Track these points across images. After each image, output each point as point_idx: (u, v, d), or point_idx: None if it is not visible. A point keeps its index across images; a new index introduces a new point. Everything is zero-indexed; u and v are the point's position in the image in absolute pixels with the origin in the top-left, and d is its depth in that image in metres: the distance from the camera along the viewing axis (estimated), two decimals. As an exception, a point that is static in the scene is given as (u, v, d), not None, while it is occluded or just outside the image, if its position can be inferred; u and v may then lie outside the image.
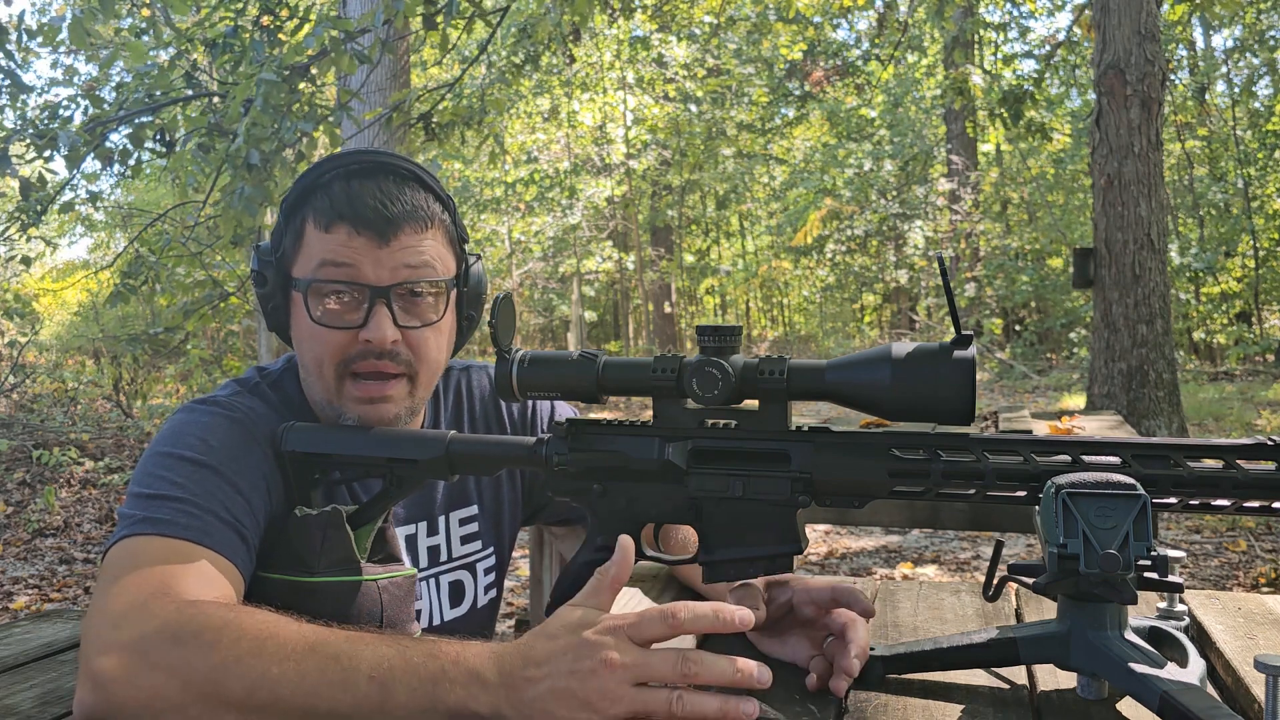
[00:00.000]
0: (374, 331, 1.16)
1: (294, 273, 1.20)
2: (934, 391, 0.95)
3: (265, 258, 1.22)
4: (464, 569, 1.38)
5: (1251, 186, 14.47)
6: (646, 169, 16.61)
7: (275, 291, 1.22)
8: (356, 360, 1.18)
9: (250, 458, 1.15)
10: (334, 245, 1.17)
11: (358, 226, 1.16)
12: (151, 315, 12.51)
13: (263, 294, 1.22)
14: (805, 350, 19.26)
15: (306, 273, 1.18)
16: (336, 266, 1.16)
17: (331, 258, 1.16)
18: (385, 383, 1.19)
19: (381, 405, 1.19)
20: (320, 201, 1.18)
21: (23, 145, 5.32)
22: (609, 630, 0.86)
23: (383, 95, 6.16)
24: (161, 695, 0.90)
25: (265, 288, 1.22)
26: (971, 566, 5.16)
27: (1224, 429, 9.07)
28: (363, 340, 1.17)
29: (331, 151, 6.83)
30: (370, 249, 1.16)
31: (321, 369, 1.19)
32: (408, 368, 1.20)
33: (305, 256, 1.19)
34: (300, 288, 1.19)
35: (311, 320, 1.18)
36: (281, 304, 1.23)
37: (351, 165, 1.21)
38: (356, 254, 1.16)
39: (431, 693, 0.87)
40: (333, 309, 1.18)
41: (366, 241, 1.16)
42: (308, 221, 1.19)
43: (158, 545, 1.03)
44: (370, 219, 1.16)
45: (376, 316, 1.16)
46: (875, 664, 1.06)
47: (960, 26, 12.38)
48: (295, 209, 1.21)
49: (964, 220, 15.82)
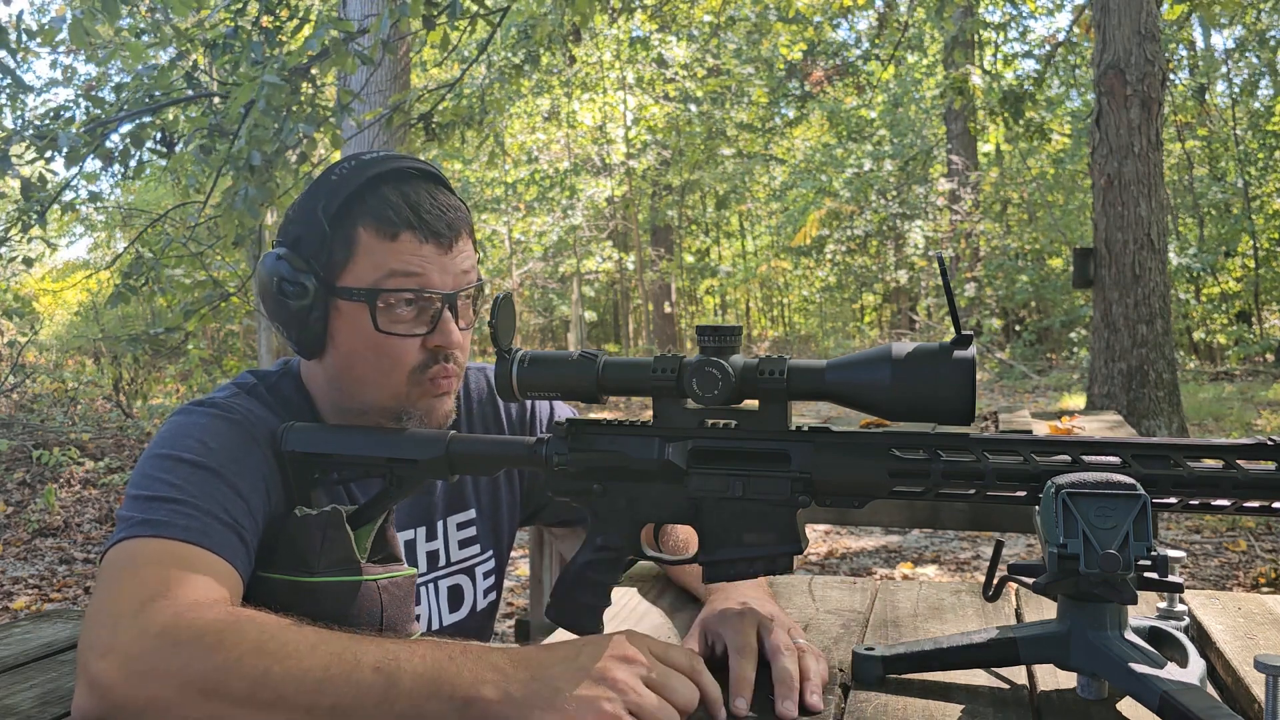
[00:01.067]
0: (447, 337, 1.18)
1: (346, 282, 1.17)
2: (934, 391, 0.95)
3: (301, 267, 1.17)
4: (462, 573, 1.38)
5: (1251, 186, 14.47)
6: (646, 169, 16.61)
7: (317, 302, 1.18)
8: (430, 365, 1.19)
9: (249, 459, 1.15)
10: (403, 254, 1.16)
11: (425, 235, 1.16)
12: (151, 315, 12.52)
13: (301, 306, 1.17)
14: (805, 350, 19.26)
15: (368, 282, 1.16)
16: (407, 276, 1.16)
17: (402, 267, 1.15)
18: (450, 378, 1.22)
19: (449, 399, 1.23)
20: (378, 209, 1.16)
21: (23, 145, 5.32)
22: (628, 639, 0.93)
23: (383, 96, 6.16)
24: (160, 698, 0.90)
25: (305, 299, 1.17)
26: (971, 566, 5.16)
27: (1224, 429, 9.07)
28: (433, 346, 1.19)
29: (332, 152, 6.83)
30: (436, 257, 1.17)
31: (389, 378, 1.19)
32: (458, 367, 1.23)
33: (364, 265, 1.16)
34: (363, 298, 1.16)
35: (377, 330, 1.16)
36: (322, 314, 1.19)
37: (394, 170, 1.19)
38: (425, 263, 1.16)
39: (435, 679, 0.88)
40: (401, 318, 1.17)
41: (433, 250, 1.17)
42: (363, 229, 1.16)
43: (156, 547, 1.03)
44: (434, 227, 1.17)
45: (447, 323, 1.18)
46: (875, 664, 1.06)
47: (960, 26, 12.38)
48: (342, 215, 1.17)
49: (964, 220, 15.82)
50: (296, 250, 1.19)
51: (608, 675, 0.87)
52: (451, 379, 1.22)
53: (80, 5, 4.99)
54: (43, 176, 5.45)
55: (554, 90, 14.60)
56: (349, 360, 1.20)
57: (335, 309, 1.18)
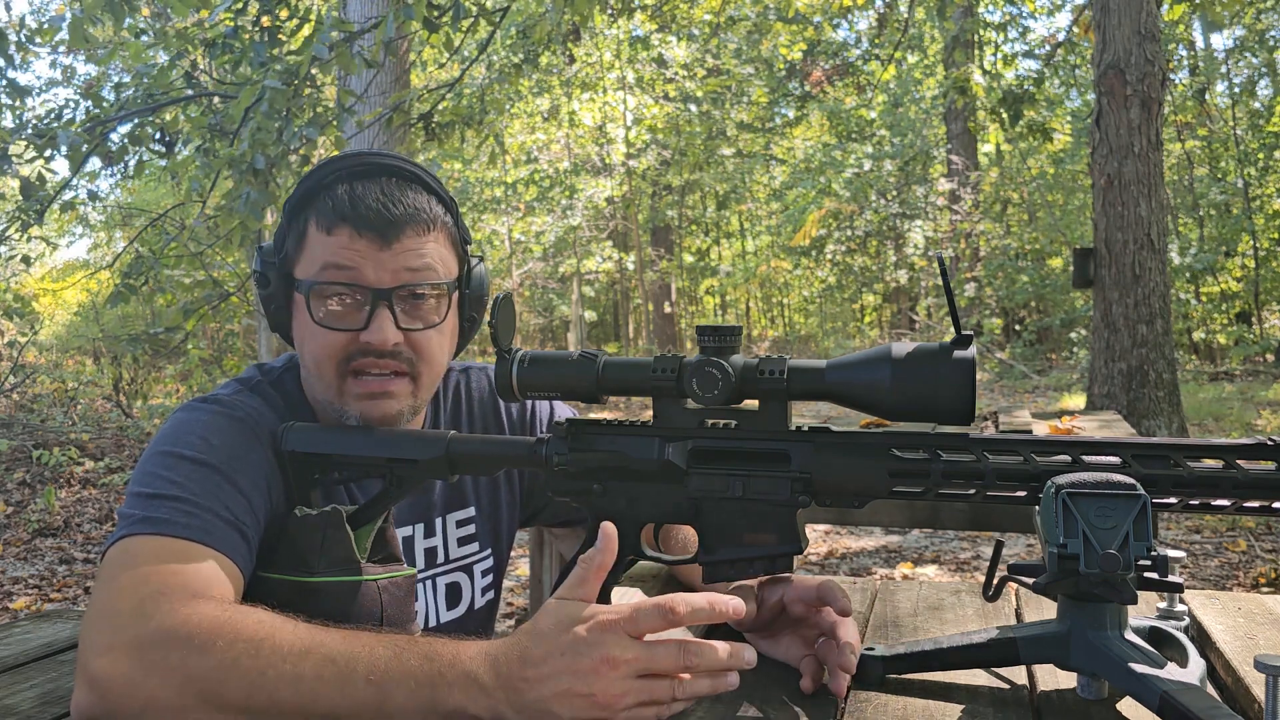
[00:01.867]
0: (375, 334, 1.17)
1: (296, 274, 1.21)
2: (934, 391, 0.95)
3: (268, 259, 1.23)
4: (461, 571, 1.38)
5: (1251, 186, 14.47)
6: (646, 169, 16.61)
7: (278, 292, 1.23)
8: (357, 358, 1.19)
9: (251, 456, 1.15)
10: (336, 247, 1.17)
11: (360, 228, 1.16)
12: (151, 315, 12.52)
13: (265, 295, 1.23)
14: (805, 350, 19.26)
15: (309, 274, 1.19)
16: (339, 269, 1.17)
17: (334, 260, 1.17)
18: (387, 379, 1.19)
19: (384, 401, 1.19)
20: (323, 203, 1.19)
21: (22, 144, 5.32)
22: (604, 626, 0.87)
23: (383, 96, 6.16)
24: (159, 697, 0.90)
25: (268, 289, 1.23)
26: (971, 566, 5.16)
27: (1224, 429, 9.07)
28: (363, 342, 1.17)
29: (333, 153, 6.83)
30: (372, 251, 1.17)
31: (322, 368, 1.20)
32: (410, 367, 1.21)
33: (308, 258, 1.20)
34: (302, 289, 1.20)
35: (313, 321, 1.19)
36: (284, 304, 1.24)
37: (354, 167, 1.21)
38: (358, 256, 1.16)
39: (429, 695, 0.88)
40: (335, 310, 1.18)
41: (368, 244, 1.17)
42: (310, 223, 1.20)
43: (157, 545, 1.03)
44: (372, 221, 1.16)
45: (378, 319, 1.17)
46: (875, 664, 1.06)
47: (960, 26, 12.38)
48: (298, 210, 1.22)
49: (964, 220, 15.82)
50: (273, 243, 1.25)
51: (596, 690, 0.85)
52: (394, 380, 1.19)
53: (80, 6, 4.99)
54: (42, 176, 5.45)
55: (554, 90, 14.60)
56: (301, 349, 1.24)
57: (292, 300, 1.23)
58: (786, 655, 1.10)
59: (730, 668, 0.89)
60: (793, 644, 1.10)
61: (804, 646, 1.08)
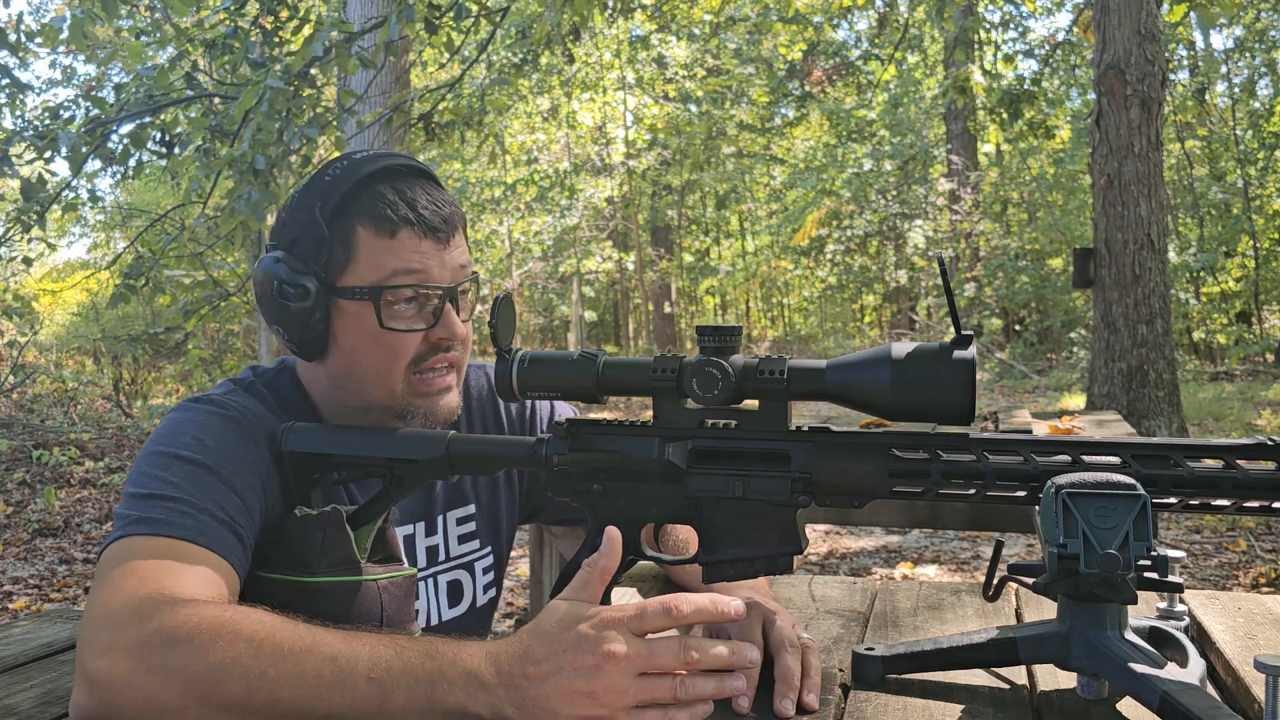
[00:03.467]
0: (451, 330, 1.20)
1: (347, 281, 1.18)
2: (934, 392, 0.95)
3: (301, 269, 1.17)
4: (462, 568, 1.38)
5: (1251, 186, 14.47)
6: (646, 169, 16.61)
7: (319, 303, 1.18)
8: (426, 358, 1.21)
9: (246, 456, 1.14)
10: (404, 252, 1.17)
11: (424, 231, 1.18)
12: (151, 315, 12.52)
13: (302, 308, 1.17)
14: (805, 350, 19.25)
15: (370, 280, 1.17)
16: (409, 273, 1.17)
17: (403, 265, 1.17)
18: (446, 374, 1.23)
19: (448, 395, 1.23)
20: (375, 207, 1.17)
21: (22, 145, 5.32)
22: (608, 623, 0.88)
23: (384, 96, 6.16)
24: (159, 697, 0.90)
25: (307, 301, 1.17)
26: (971, 566, 5.16)
27: (1224, 429, 9.07)
28: (435, 339, 1.20)
29: (333, 154, 6.82)
30: (436, 252, 1.19)
31: (390, 372, 1.20)
32: (458, 358, 1.25)
33: (365, 265, 1.17)
34: (366, 295, 1.17)
35: (382, 327, 1.18)
36: (325, 315, 1.19)
37: (387, 168, 1.20)
38: (426, 259, 1.18)
39: (429, 694, 0.88)
40: (406, 313, 1.19)
41: (432, 245, 1.19)
42: (361, 228, 1.17)
43: (153, 545, 1.03)
44: (431, 222, 1.19)
45: (448, 315, 1.20)
46: (875, 664, 1.06)
47: (960, 26, 12.37)
48: (339, 216, 1.18)
49: (964, 220, 15.82)
50: (294, 252, 1.19)
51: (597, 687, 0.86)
52: (450, 374, 1.23)
53: (80, 6, 4.99)
54: (42, 177, 5.45)
55: (554, 90, 14.60)
56: (353, 358, 1.21)
57: (337, 309, 1.19)
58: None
59: (731, 665, 0.89)
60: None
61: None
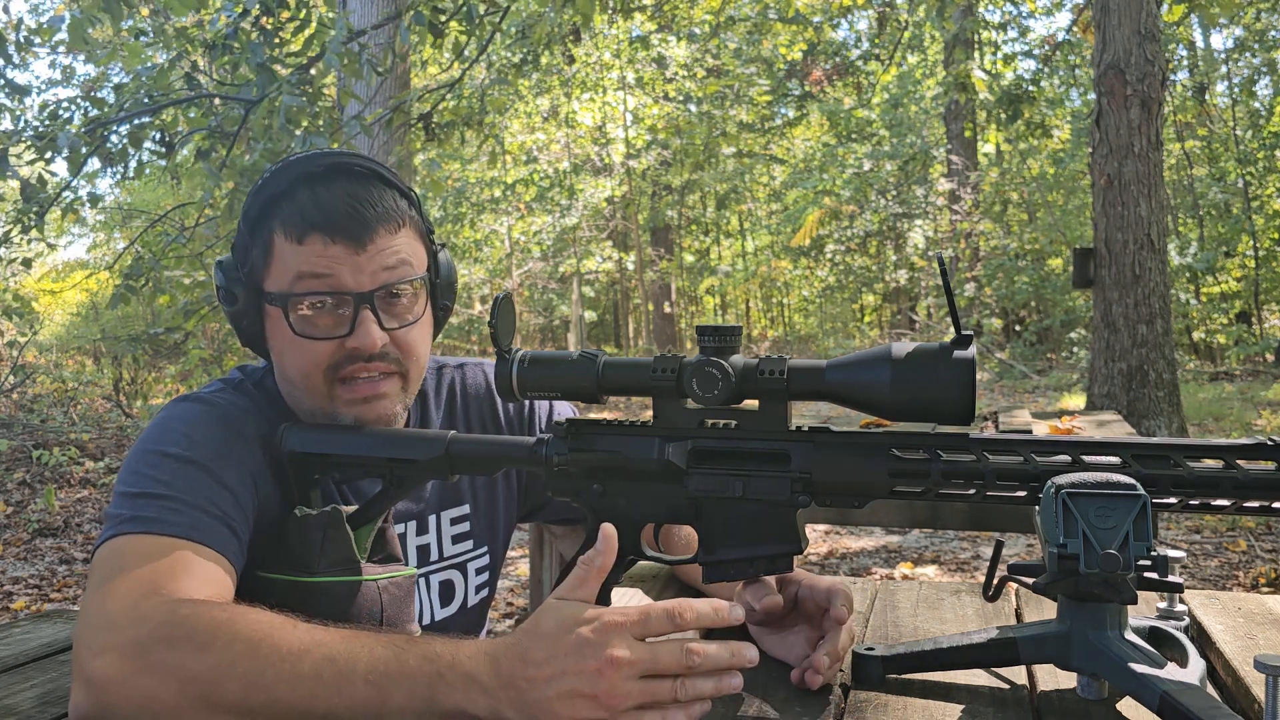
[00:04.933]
0: (362, 339, 1.15)
1: (266, 286, 1.18)
2: (934, 392, 0.95)
3: (231, 274, 1.19)
4: (454, 569, 1.38)
5: (1251, 186, 14.47)
6: (646, 169, 16.60)
7: (247, 308, 1.19)
8: (345, 365, 1.17)
9: (235, 452, 1.14)
10: (309, 256, 1.14)
11: (332, 235, 1.14)
12: (151, 315, 12.51)
13: (234, 311, 1.20)
14: (805, 350, 19.25)
15: (282, 286, 1.16)
16: (315, 278, 1.15)
17: (309, 269, 1.14)
18: (377, 382, 1.19)
19: (377, 403, 1.19)
20: (288, 212, 1.15)
21: (22, 146, 5.31)
22: (611, 628, 0.87)
23: (385, 97, 6.16)
24: (157, 697, 0.90)
25: (236, 305, 1.19)
26: (971, 566, 5.16)
27: (1224, 429, 9.07)
28: (350, 348, 1.16)
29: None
30: (348, 256, 1.15)
31: (309, 380, 1.18)
32: (398, 366, 1.20)
33: (278, 270, 1.16)
34: (277, 302, 1.16)
35: (293, 334, 1.16)
36: (255, 319, 1.20)
37: (312, 170, 1.18)
38: (334, 263, 1.14)
39: (428, 696, 0.88)
40: (315, 320, 1.16)
41: (342, 249, 1.15)
42: (276, 234, 1.16)
43: (146, 543, 1.03)
44: (343, 225, 1.14)
45: (362, 323, 1.15)
46: (875, 664, 1.06)
47: (960, 26, 12.37)
48: (260, 221, 1.17)
49: (964, 220, 15.82)
50: (234, 256, 1.20)
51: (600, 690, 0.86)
52: (385, 381, 1.19)
53: (80, 6, 4.99)
54: (42, 178, 5.45)
55: (554, 90, 14.60)
56: (280, 362, 1.21)
57: (265, 314, 1.19)
58: (790, 653, 1.10)
59: (732, 666, 0.89)
60: (798, 642, 1.10)
61: (808, 646, 1.08)
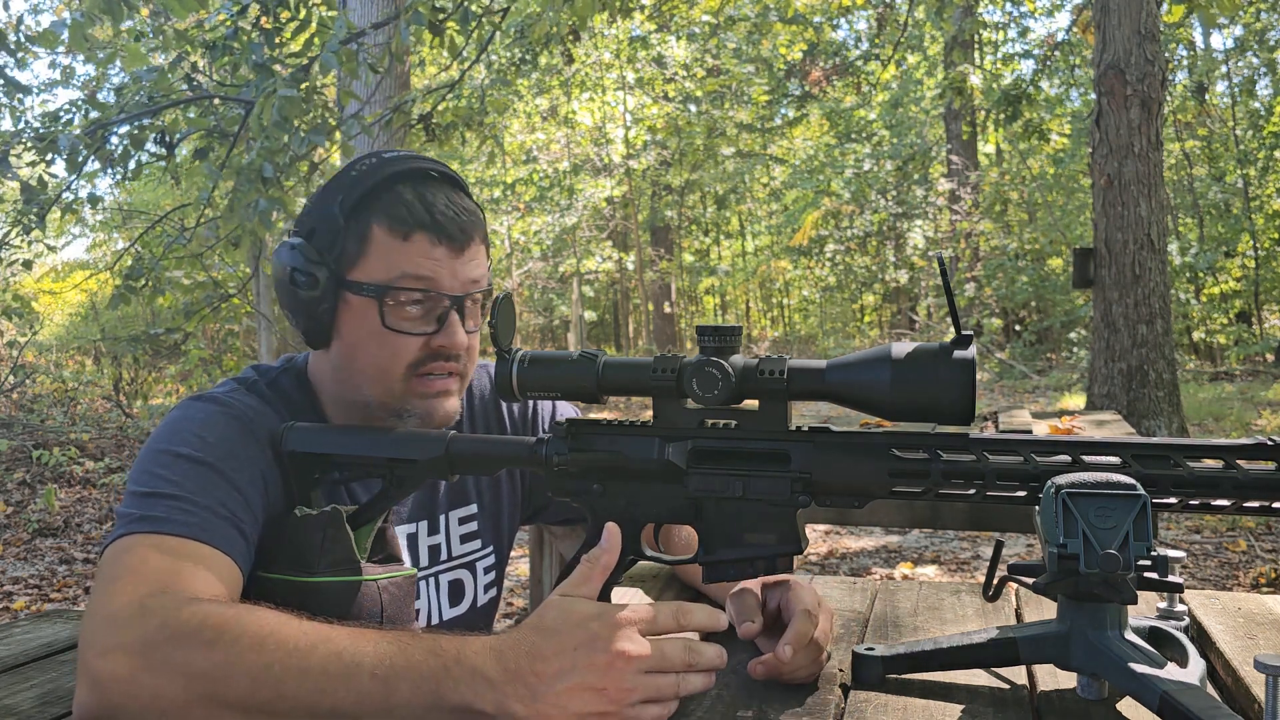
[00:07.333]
0: (451, 338, 1.19)
1: (356, 276, 1.19)
2: (934, 392, 0.95)
3: (313, 258, 1.18)
4: (464, 568, 1.39)
5: (1251, 186, 14.47)
6: (646, 169, 16.61)
7: (327, 294, 1.19)
8: (426, 362, 1.20)
9: (247, 454, 1.15)
10: (415, 255, 1.17)
11: (438, 236, 1.18)
12: (151, 315, 12.51)
13: (311, 296, 1.19)
14: (805, 350, 19.25)
15: (379, 278, 1.17)
16: (418, 277, 1.17)
17: (412, 269, 1.17)
18: (448, 380, 1.22)
19: (446, 400, 1.22)
20: (393, 208, 1.18)
21: (22, 147, 5.31)
22: (619, 622, 0.90)
23: (385, 98, 6.16)
24: (163, 695, 0.90)
25: (315, 290, 1.19)
26: (971, 566, 5.16)
27: (1224, 429, 9.07)
28: (435, 346, 1.19)
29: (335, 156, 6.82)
30: (448, 260, 1.18)
31: (389, 371, 1.20)
32: (462, 368, 1.24)
33: (376, 262, 1.18)
34: (372, 293, 1.17)
35: (384, 326, 1.18)
36: (332, 306, 1.20)
37: (411, 169, 1.20)
38: (437, 265, 1.18)
39: (434, 690, 0.88)
40: (410, 316, 1.19)
41: (445, 252, 1.18)
42: (376, 226, 1.18)
43: (155, 543, 1.03)
44: (448, 229, 1.18)
45: (451, 324, 1.19)
46: (875, 664, 1.06)
47: (959, 26, 12.37)
48: (358, 211, 1.19)
49: (964, 220, 15.82)
50: (311, 241, 1.20)
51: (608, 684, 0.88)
52: (451, 380, 1.22)
53: (80, 8, 4.98)
54: (42, 179, 5.45)
55: (553, 90, 14.60)
56: (352, 352, 1.21)
57: (344, 301, 1.20)
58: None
59: (720, 667, 0.94)
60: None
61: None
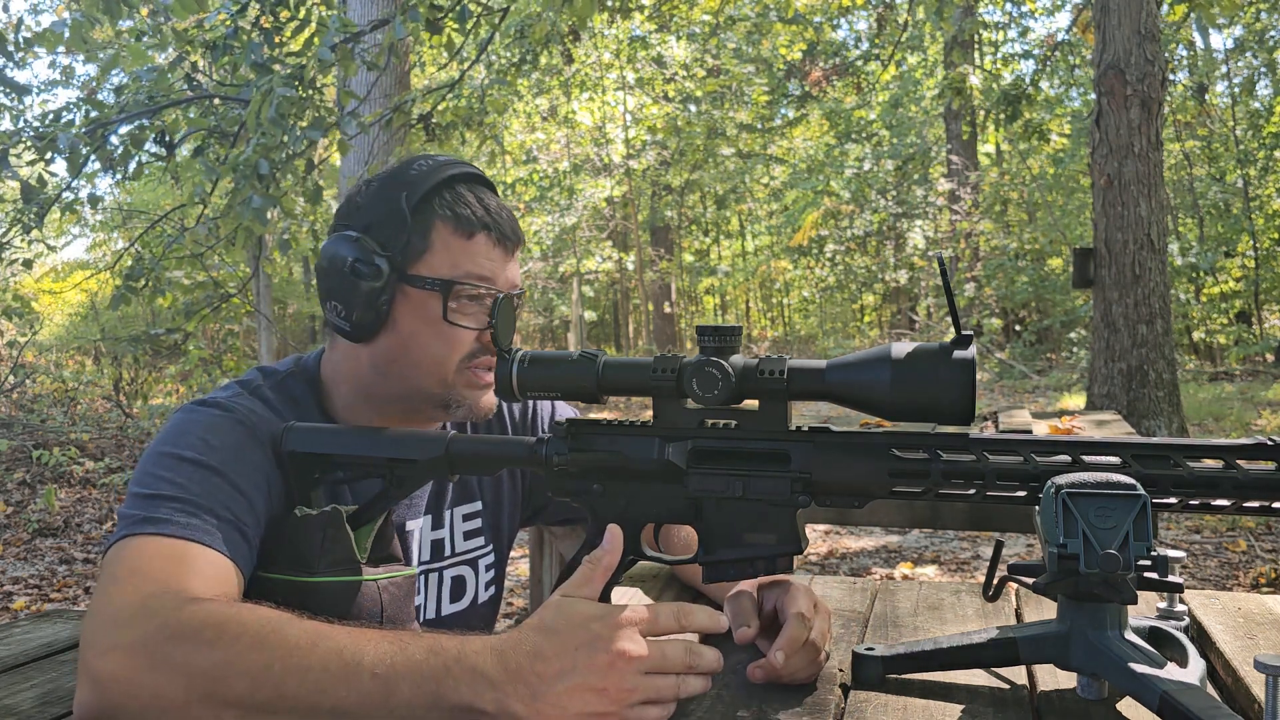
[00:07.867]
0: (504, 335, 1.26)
1: (419, 270, 1.22)
2: (934, 392, 0.95)
3: (372, 250, 1.21)
4: (466, 565, 1.40)
5: (1251, 186, 14.47)
6: (646, 169, 16.61)
7: (388, 286, 1.22)
8: (478, 355, 1.25)
9: (251, 457, 1.15)
10: (475, 254, 1.23)
11: (498, 238, 1.25)
12: (151, 315, 12.51)
13: (373, 287, 1.21)
14: (805, 350, 19.25)
15: (443, 274, 1.22)
16: (480, 276, 1.23)
17: (475, 267, 1.23)
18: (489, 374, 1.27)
19: (489, 392, 1.27)
20: (456, 207, 1.23)
21: (22, 146, 5.31)
22: (621, 623, 0.91)
23: (385, 98, 6.16)
24: (164, 694, 0.90)
25: (379, 281, 1.21)
26: (971, 566, 5.16)
27: (1224, 429, 9.07)
28: (487, 341, 1.25)
29: (334, 156, 6.80)
30: (503, 260, 1.26)
31: (445, 362, 1.23)
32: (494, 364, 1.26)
33: (440, 258, 1.22)
34: (437, 287, 1.21)
35: (445, 319, 1.22)
36: (390, 298, 1.22)
37: (469, 174, 1.27)
38: (495, 265, 1.25)
39: (435, 690, 0.88)
40: (470, 310, 1.23)
41: (502, 254, 1.25)
42: (439, 224, 1.22)
43: (157, 545, 1.03)
44: (505, 232, 1.26)
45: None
46: (875, 664, 1.06)
47: (959, 26, 12.37)
48: (422, 208, 1.23)
49: (964, 220, 15.82)
50: (370, 234, 1.23)
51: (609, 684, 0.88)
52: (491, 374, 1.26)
53: (80, 8, 4.99)
54: (42, 179, 5.45)
55: (553, 90, 14.59)
56: (409, 344, 1.24)
57: (403, 294, 1.23)
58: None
59: (718, 669, 0.94)
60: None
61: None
